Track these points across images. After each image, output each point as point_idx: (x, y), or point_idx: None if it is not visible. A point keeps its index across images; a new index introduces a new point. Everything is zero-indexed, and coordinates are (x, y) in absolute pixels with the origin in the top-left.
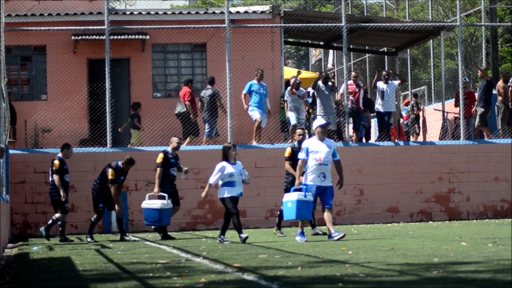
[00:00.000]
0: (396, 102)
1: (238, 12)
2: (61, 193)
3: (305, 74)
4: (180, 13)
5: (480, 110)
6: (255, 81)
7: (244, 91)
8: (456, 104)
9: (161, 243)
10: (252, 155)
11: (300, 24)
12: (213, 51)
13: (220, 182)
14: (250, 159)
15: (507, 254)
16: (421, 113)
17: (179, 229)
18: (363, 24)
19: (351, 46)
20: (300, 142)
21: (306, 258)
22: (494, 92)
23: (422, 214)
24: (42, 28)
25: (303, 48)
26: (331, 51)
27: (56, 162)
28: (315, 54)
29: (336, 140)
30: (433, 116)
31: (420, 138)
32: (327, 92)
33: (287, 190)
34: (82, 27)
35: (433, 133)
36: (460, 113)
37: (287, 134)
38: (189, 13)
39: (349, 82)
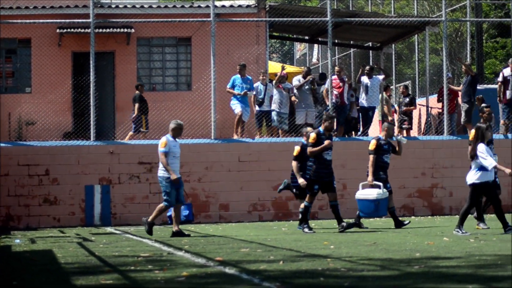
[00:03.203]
0: (386, 96)
1: (223, 6)
2: None
3: (289, 68)
4: (166, 6)
5: (464, 106)
6: (238, 75)
7: (228, 85)
8: (439, 99)
9: (143, 237)
10: (235, 149)
11: (285, 19)
12: (198, 45)
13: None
14: (233, 153)
15: (488, 249)
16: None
17: (162, 223)
18: (348, 18)
19: (336, 41)
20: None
21: (288, 252)
22: (479, 87)
23: (405, 209)
24: (27, 21)
25: (288, 42)
26: (316, 46)
27: None
28: (300, 48)
29: None
30: (417, 111)
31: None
32: (306, 86)
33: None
34: (67, 20)
35: (417, 128)
36: (444, 108)
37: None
38: (174, 6)
39: (333, 76)
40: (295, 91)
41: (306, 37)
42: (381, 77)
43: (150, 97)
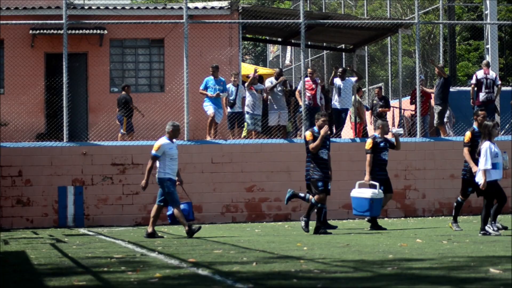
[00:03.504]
0: (359, 98)
1: (196, 7)
2: None
3: (262, 70)
4: (139, 8)
5: (437, 108)
6: (211, 77)
7: (201, 87)
8: (412, 102)
9: (116, 238)
10: (208, 150)
11: (258, 20)
12: (171, 47)
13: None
14: (206, 154)
15: (461, 251)
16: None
17: (135, 224)
18: (321, 20)
19: (309, 43)
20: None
21: (261, 254)
22: (452, 89)
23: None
24: (0, 22)
25: (261, 44)
26: (289, 48)
27: None
28: (273, 50)
29: (280, 136)
30: (390, 113)
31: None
32: (279, 88)
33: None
34: (40, 21)
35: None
36: (417, 110)
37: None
38: (147, 8)
39: (306, 78)
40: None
41: (279, 39)
42: (353, 79)
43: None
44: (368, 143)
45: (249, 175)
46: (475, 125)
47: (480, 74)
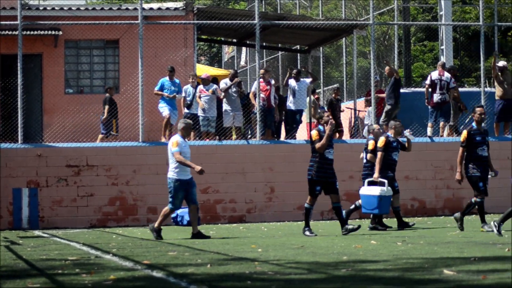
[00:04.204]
0: (314, 99)
1: (151, 8)
2: None
3: (217, 71)
4: (93, 9)
5: (387, 107)
6: (167, 78)
7: (156, 88)
8: (367, 103)
9: (71, 240)
10: (163, 152)
11: (213, 21)
12: (126, 48)
13: None
14: (161, 156)
15: (416, 252)
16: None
17: (90, 226)
18: (276, 21)
19: (264, 44)
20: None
21: (215, 256)
22: (404, 90)
23: (332, 212)
24: None
25: (216, 45)
26: (244, 49)
27: None
28: (228, 51)
29: (240, 137)
30: (344, 114)
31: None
32: (233, 89)
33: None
34: None
35: (345, 131)
36: (372, 111)
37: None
38: (102, 9)
39: (260, 79)
40: (222, 93)
41: (234, 40)
42: (308, 80)
43: (78, 100)
44: (381, 141)
45: (204, 176)
46: (473, 123)
47: (434, 75)
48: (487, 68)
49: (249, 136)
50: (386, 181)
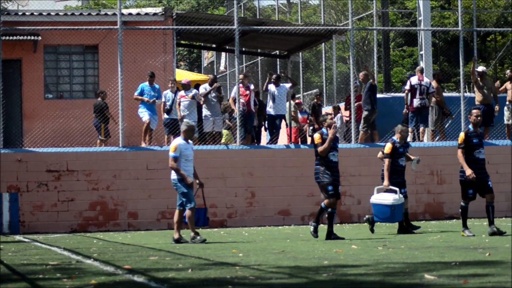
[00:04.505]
0: (293, 104)
1: (130, 14)
2: None
3: (197, 76)
4: (72, 14)
5: (364, 113)
6: (147, 83)
7: (135, 93)
8: (347, 108)
9: (52, 245)
10: (143, 157)
11: (192, 27)
12: (105, 53)
13: None
14: (141, 161)
15: (396, 257)
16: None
17: (71, 231)
18: (255, 27)
19: (243, 49)
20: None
21: (196, 260)
22: (383, 95)
23: (313, 216)
24: None
25: (195, 50)
26: (223, 54)
27: None
28: (207, 56)
29: (217, 142)
30: None
31: None
32: (213, 94)
33: None
34: None
35: None
36: (352, 116)
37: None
38: (81, 14)
39: (239, 84)
40: (202, 98)
41: (214, 45)
42: (288, 85)
43: (58, 105)
44: (388, 148)
45: None
46: (470, 126)
47: (414, 80)
48: (466, 73)
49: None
50: (397, 188)
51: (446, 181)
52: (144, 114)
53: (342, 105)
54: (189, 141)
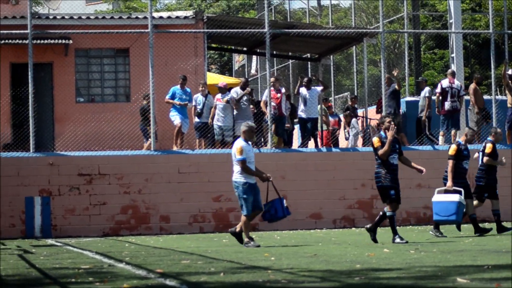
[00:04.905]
0: (324, 107)
1: (161, 17)
2: None
3: (228, 79)
4: (103, 17)
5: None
6: (178, 87)
7: (167, 96)
8: (378, 111)
9: (84, 248)
10: (174, 160)
11: (223, 30)
12: (136, 56)
13: None
14: (173, 164)
15: (429, 260)
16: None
17: (103, 235)
18: (286, 30)
19: (274, 52)
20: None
21: (228, 264)
22: (414, 98)
23: (345, 220)
24: None
25: (226, 53)
26: (254, 57)
27: None
28: (238, 59)
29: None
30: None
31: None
32: (245, 98)
33: None
34: (5, 31)
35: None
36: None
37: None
38: (112, 17)
39: (271, 88)
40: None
41: (244, 49)
42: (319, 88)
43: (89, 109)
44: (452, 149)
45: (216, 184)
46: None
47: (445, 83)
48: (497, 76)
49: (261, 145)
50: (462, 189)
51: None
52: (175, 118)
53: (372, 109)
54: (249, 142)
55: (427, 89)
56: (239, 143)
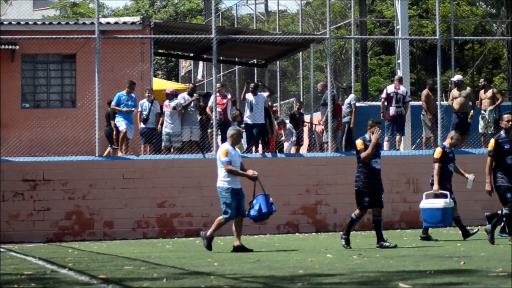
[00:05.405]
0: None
1: (108, 23)
2: None
3: (175, 85)
4: (50, 23)
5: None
6: (124, 92)
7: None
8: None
9: (27, 254)
10: (119, 166)
11: (169, 36)
12: (83, 62)
13: None
14: (117, 170)
15: (371, 266)
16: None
17: (46, 240)
18: (233, 36)
19: (221, 58)
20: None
21: (171, 270)
22: (364, 104)
23: (289, 226)
24: None
25: (173, 59)
26: (201, 63)
27: None
28: (185, 65)
29: (197, 151)
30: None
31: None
32: (192, 104)
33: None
34: None
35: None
36: (329, 125)
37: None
38: (59, 23)
39: (217, 93)
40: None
41: (191, 54)
42: (265, 94)
43: (34, 114)
44: (437, 152)
45: (160, 190)
46: (502, 131)
47: (390, 88)
48: (443, 82)
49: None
50: (448, 193)
51: (422, 189)
52: (120, 124)
53: (317, 114)
54: (235, 147)
55: (351, 96)
56: (225, 146)
